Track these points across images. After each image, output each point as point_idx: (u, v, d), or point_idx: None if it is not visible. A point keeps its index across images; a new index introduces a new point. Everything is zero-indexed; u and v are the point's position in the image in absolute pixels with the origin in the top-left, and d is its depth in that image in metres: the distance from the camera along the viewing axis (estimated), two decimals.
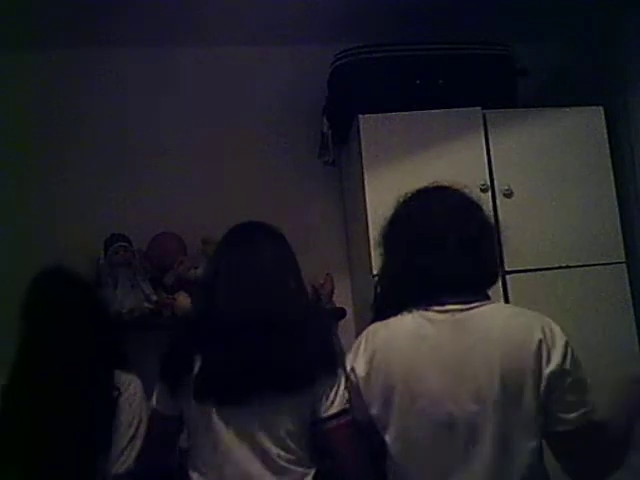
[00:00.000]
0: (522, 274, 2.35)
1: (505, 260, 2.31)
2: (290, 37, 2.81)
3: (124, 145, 2.75)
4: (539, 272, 2.37)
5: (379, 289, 1.63)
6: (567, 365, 1.39)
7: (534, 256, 2.40)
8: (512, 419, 1.39)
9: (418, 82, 2.51)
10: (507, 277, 2.34)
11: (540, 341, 1.39)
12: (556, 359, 1.39)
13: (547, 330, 1.42)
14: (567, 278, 2.41)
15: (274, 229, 1.76)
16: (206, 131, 2.81)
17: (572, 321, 1.51)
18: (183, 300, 2.49)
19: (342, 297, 2.68)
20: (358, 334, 2.17)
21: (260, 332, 1.56)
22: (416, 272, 1.49)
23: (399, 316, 1.51)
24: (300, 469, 1.59)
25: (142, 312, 2.46)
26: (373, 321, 1.59)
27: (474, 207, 1.56)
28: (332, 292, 2.61)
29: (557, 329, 1.44)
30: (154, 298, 2.49)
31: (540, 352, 1.39)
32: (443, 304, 1.46)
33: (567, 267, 2.42)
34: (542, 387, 1.38)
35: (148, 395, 1.75)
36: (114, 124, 2.76)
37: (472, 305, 1.46)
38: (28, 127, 2.70)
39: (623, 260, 2.46)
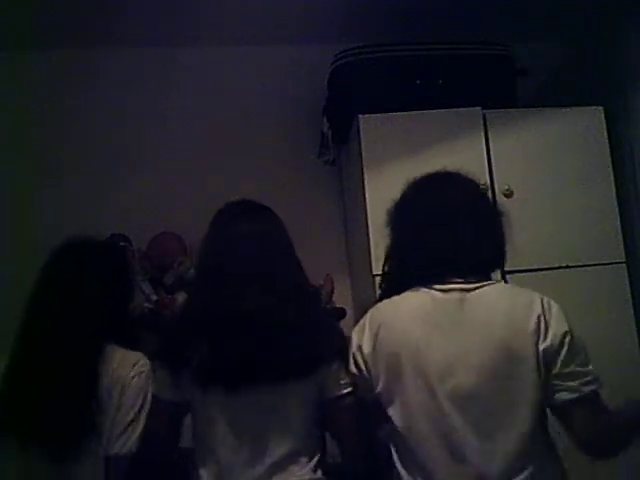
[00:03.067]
0: (522, 274, 2.34)
1: (506, 258, 2.31)
2: (290, 37, 2.81)
3: (124, 145, 2.76)
4: (539, 272, 2.37)
5: (386, 268, 1.64)
6: (564, 337, 1.43)
7: (534, 256, 2.40)
8: (514, 392, 1.42)
9: (418, 82, 2.52)
10: (507, 277, 2.34)
11: (539, 316, 1.44)
12: (552, 334, 1.43)
13: (546, 305, 1.47)
14: (567, 278, 2.41)
15: (262, 206, 1.78)
16: (206, 131, 2.81)
17: (572, 321, 1.52)
18: (183, 300, 2.48)
19: (342, 297, 2.68)
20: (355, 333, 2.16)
21: (261, 318, 1.55)
22: (422, 252, 1.53)
23: (403, 294, 1.54)
24: (304, 458, 1.58)
25: (142, 312, 2.46)
26: (381, 299, 1.61)
27: (481, 193, 1.63)
28: (332, 292, 2.60)
29: (555, 305, 1.49)
30: (154, 298, 2.48)
31: (539, 326, 1.43)
32: (447, 283, 1.50)
33: (567, 267, 2.42)
34: (541, 359, 1.42)
35: None
36: (114, 124, 2.76)
37: (475, 284, 1.50)
38: (28, 127, 2.70)
39: (623, 260, 2.46)
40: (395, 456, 1.52)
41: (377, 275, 2.34)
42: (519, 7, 2.61)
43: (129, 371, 1.67)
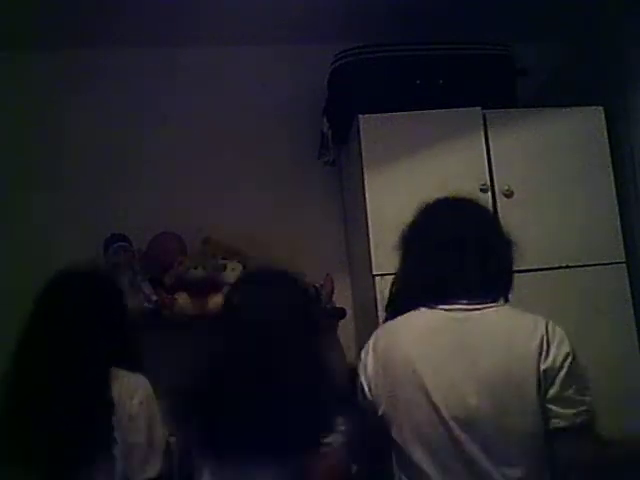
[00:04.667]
0: (522, 274, 2.33)
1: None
2: (290, 37, 2.81)
3: (124, 145, 2.75)
4: (539, 272, 2.37)
5: (394, 290, 1.66)
6: (565, 361, 1.43)
7: (534, 256, 2.38)
8: (515, 415, 1.41)
9: (418, 82, 2.51)
10: None
11: (542, 337, 1.44)
12: (553, 354, 1.43)
13: (550, 328, 1.46)
14: (567, 278, 2.41)
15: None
16: (206, 131, 2.81)
17: (572, 321, 1.52)
18: (183, 300, 2.49)
19: (342, 297, 2.68)
20: (358, 334, 2.19)
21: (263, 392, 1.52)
22: (429, 275, 1.54)
23: (407, 314, 1.55)
24: None
25: (142, 312, 2.46)
26: (386, 320, 1.63)
27: (492, 219, 1.65)
28: (332, 292, 2.60)
29: (559, 329, 1.48)
30: (154, 298, 2.48)
31: (541, 347, 1.43)
32: (451, 304, 1.50)
33: (567, 267, 2.42)
34: (542, 381, 1.41)
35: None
36: (114, 124, 2.76)
37: (479, 306, 1.50)
38: (28, 127, 2.70)
39: (623, 260, 2.45)
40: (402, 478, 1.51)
41: (377, 275, 2.35)
42: (519, 7, 2.61)
43: (133, 398, 1.66)
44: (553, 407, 1.41)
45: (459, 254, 1.51)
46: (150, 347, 1.92)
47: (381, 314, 2.29)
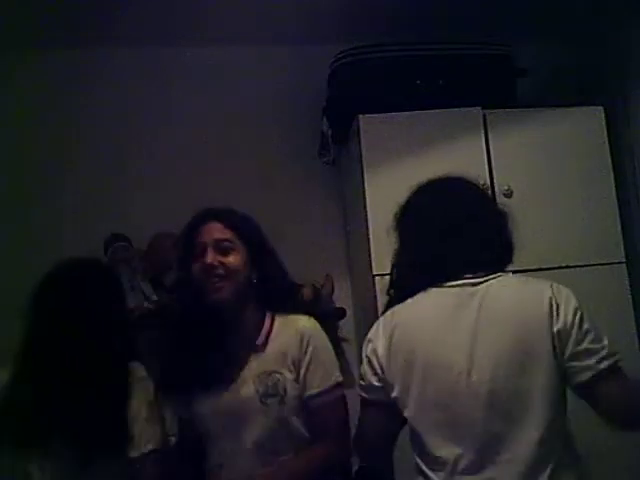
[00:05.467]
0: (522, 274, 2.34)
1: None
2: (290, 37, 2.81)
3: (124, 145, 2.75)
4: (539, 272, 2.36)
5: (395, 274, 1.65)
6: (575, 319, 1.44)
7: (534, 256, 2.39)
8: (533, 377, 1.42)
9: (418, 82, 2.52)
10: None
11: (550, 299, 1.45)
12: (563, 313, 1.44)
13: (555, 290, 1.48)
14: (567, 278, 2.38)
15: None
16: (206, 131, 2.81)
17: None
18: None
19: (342, 297, 2.67)
20: (358, 334, 2.18)
21: None
22: (430, 253, 1.54)
23: (416, 296, 1.55)
24: None
25: (142, 312, 2.46)
26: (389, 305, 1.62)
27: (484, 194, 1.67)
28: (332, 292, 2.60)
29: (564, 288, 1.51)
30: (154, 298, 2.48)
31: (550, 311, 1.44)
32: (457, 279, 1.51)
33: (567, 267, 2.42)
34: (556, 343, 1.42)
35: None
36: (114, 124, 2.76)
37: (485, 278, 1.51)
38: (28, 127, 2.70)
39: (623, 260, 2.46)
40: (417, 459, 1.51)
41: (377, 275, 2.35)
42: (519, 7, 2.61)
43: (131, 381, 1.69)
44: (574, 363, 1.42)
45: (457, 230, 1.53)
46: (150, 347, 1.92)
47: (381, 314, 2.30)
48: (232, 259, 1.71)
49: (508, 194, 2.43)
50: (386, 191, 2.41)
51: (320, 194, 2.86)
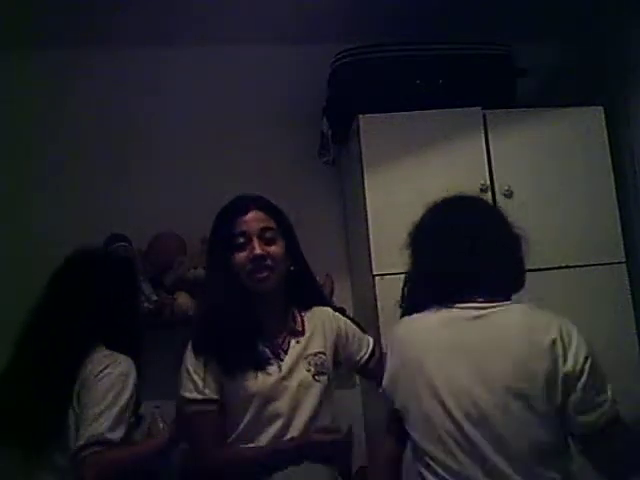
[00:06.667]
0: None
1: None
2: (290, 37, 2.81)
3: (124, 145, 2.75)
4: (539, 272, 2.36)
5: (407, 289, 1.67)
6: (585, 363, 1.41)
7: (534, 256, 2.37)
8: (529, 409, 1.41)
9: (418, 82, 2.51)
10: None
11: (554, 340, 1.42)
12: (572, 359, 1.41)
13: (563, 330, 1.44)
14: (567, 278, 2.41)
15: None
16: (206, 131, 2.81)
17: (572, 321, 1.52)
18: (183, 300, 2.49)
19: (342, 297, 2.67)
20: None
21: None
22: (442, 273, 1.55)
23: (423, 312, 1.57)
24: None
25: (142, 312, 2.46)
26: (402, 317, 1.65)
27: (502, 217, 1.63)
28: (332, 292, 2.60)
29: (574, 329, 1.46)
30: (154, 298, 2.48)
31: (555, 351, 1.41)
32: (466, 302, 1.52)
33: (567, 267, 2.42)
34: (559, 387, 1.41)
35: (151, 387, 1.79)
36: (114, 124, 2.76)
37: (493, 304, 1.51)
38: (27, 127, 2.70)
39: (623, 260, 2.45)
40: (416, 463, 1.53)
41: (377, 275, 2.35)
42: (519, 7, 2.61)
43: (97, 371, 1.70)
44: (576, 414, 1.41)
45: (470, 252, 1.53)
46: (150, 347, 1.92)
47: (381, 314, 2.30)
48: (276, 249, 1.76)
49: (508, 194, 2.43)
50: (386, 191, 2.42)
51: (320, 194, 2.86)
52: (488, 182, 2.42)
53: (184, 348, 1.75)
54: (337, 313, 1.92)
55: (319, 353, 1.77)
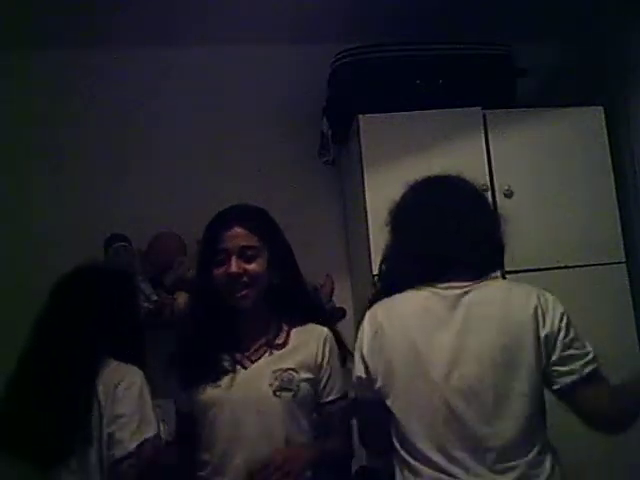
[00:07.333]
0: (522, 274, 2.34)
1: (505, 260, 2.31)
2: (290, 37, 2.81)
3: (124, 145, 2.75)
4: (539, 272, 2.37)
5: (384, 268, 1.67)
6: (562, 325, 1.48)
7: (534, 256, 2.40)
8: (514, 380, 1.45)
9: (418, 82, 2.51)
10: (507, 277, 2.34)
11: (536, 307, 1.49)
12: (550, 321, 1.48)
13: (542, 298, 1.52)
14: (567, 278, 2.41)
15: None
16: (206, 131, 2.81)
17: (572, 321, 1.53)
18: (183, 300, 2.48)
19: (342, 297, 2.68)
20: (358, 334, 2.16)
21: None
22: (422, 252, 1.56)
23: (404, 293, 1.57)
24: None
25: (143, 321, 2.45)
26: (376, 298, 1.64)
27: (480, 195, 1.68)
28: (332, 292, 2.60)
29: (551, 297, 1.53)
30: (154, 298, 2.48)
31: (536, 317, 1.48)
32: (446, 281, 1.53)
33: (567, 267, 2.42)
34: (542, 349, 1.46)
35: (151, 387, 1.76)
36: (114, 124, 2.76)
37: (474, 282, 1.53)
38: (27, 127, 2.70)
39: (623, 260, 2.46)
40: (399, 451, 1.53)
41: (377, 275, 2.35)
42: (519, 7, 2.61)
43: (118, 382, 1.69)
44: (559, 367, 1.46)
45: (450, 230, 1.54)
46: (150, 347, 1.92)
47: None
48: (256, 266, 1.73)
49: (508, 194, 2.43)
50: (386, 191, 2.39)
51: (320, 194, 2.86)
52: (488, 182, 2.42)
53: None
54: (333, 340, 1.81)
55: (290, 370, 1.71)
